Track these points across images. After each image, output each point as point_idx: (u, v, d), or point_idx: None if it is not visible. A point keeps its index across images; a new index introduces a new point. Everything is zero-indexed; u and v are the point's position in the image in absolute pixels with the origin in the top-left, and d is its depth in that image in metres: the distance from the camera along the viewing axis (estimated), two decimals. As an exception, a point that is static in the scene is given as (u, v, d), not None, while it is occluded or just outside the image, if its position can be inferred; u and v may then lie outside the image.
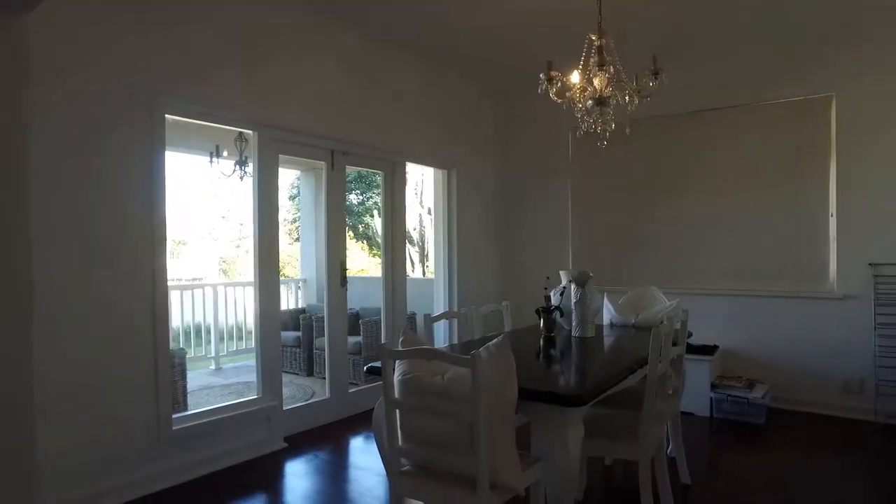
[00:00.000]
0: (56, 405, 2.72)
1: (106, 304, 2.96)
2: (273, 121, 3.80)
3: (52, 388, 2.69)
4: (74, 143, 2.84)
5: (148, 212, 3.12)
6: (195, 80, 3.36)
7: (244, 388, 5.52)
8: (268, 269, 3.81)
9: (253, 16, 3.68)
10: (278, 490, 3.32)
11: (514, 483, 1.98)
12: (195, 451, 3.40)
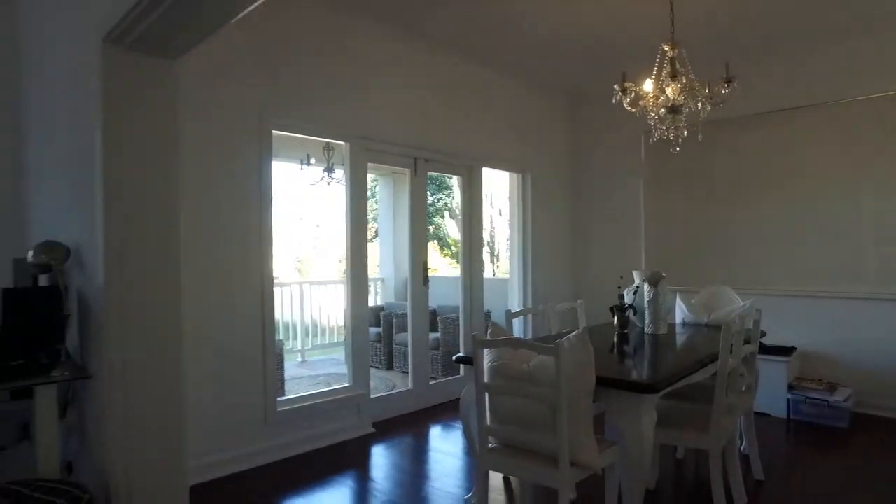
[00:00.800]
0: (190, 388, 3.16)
1: (226, 301, 3.39)
2: (363, 132, 4.17)
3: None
4: (199, 158, 3.28)
5: (257, 218, 3.54)
6: (297, 99, 3.76)
7: (330, 378, 5.96)
8: (358, 269, 4.18)
9: (344, 39, 4.05)
10: (368, 468, 3.67)
11: (592, 462, 2.19)
12: (295, 431, 3.80)
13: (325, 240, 12.76)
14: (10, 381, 2.39)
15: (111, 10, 2.14)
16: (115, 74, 2.30)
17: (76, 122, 2.67)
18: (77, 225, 2.67)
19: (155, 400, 2.46)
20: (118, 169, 2.32)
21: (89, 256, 2.53)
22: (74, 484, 2.26)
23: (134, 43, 2.26)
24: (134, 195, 2.37)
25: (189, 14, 2.03)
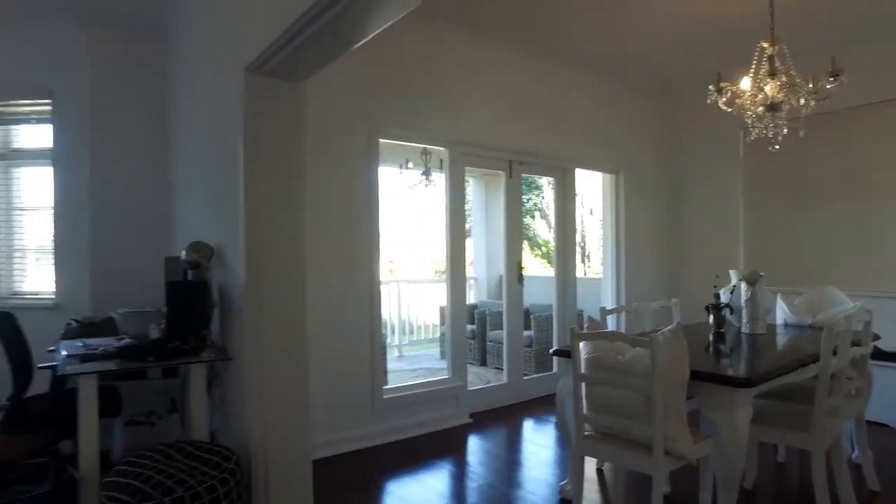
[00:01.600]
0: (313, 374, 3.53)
1: (339, 298, 3.74)
2: (461, 138, 4.41)
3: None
4: (316, 166, 3.65)
5: (366, 221, 3.87)
6: (401, 109, 4.06)
7: (426, 372, 6.26)
8: (457, 268, 4.43)
9: (442, 50, 4.30)
10: (465, 455, 3.90)
11: (685, 451, 2.28)
12: (399, 418, 4.10)
13: (417, 240, 13.22)
14: (170, 360, 2.83)
15: (253, 46, 2.50)
16: (254, 97, 2.67)
17: (220, 140, 3.09)
18: (219, 228, 3.09)
19: (284, 381, 2.82)
20: (256, 179, 2.69)
21: (230, 255, 2.93)
22: (223, 447, 2.65)
23: (270, 70, 2.61)
24: (268, 202, 2.73)
25: (319, 45, 2.33)
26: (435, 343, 7.62)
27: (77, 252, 4.21)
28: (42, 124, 4.29)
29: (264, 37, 2.40)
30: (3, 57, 4.28)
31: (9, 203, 4.39)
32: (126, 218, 4.26)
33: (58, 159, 4.24)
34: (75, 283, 4.22)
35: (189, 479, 2.36)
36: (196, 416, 2.89)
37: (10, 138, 4.39)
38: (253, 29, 2.55)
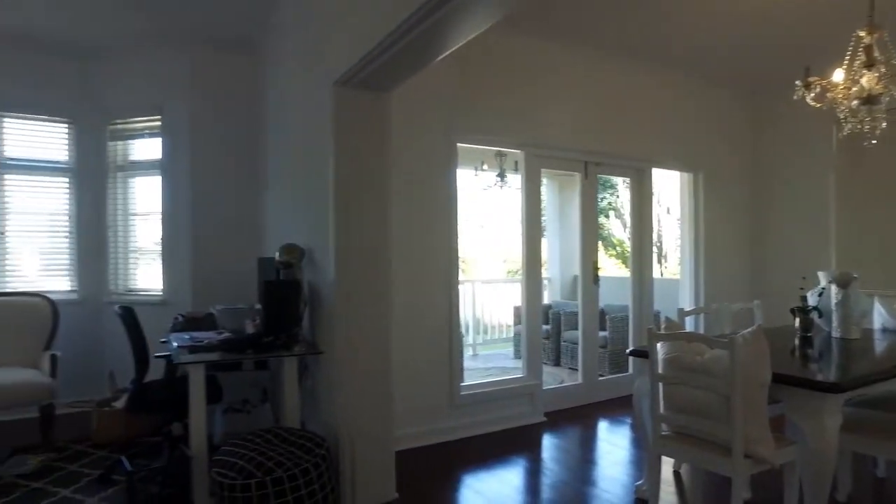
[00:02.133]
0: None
1: (420, 297, 3.88)
2: (536, 140, 4.46)
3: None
4: (398, 171, 3.81)
5: (445, 223, 4.01)
6: (478, 113, 4.17)
7: (500, 371, 6.35)
8: (533, 269, 4.49)
9: (516, 54, 4.37)
10: (539, 452, 3.97)
11: (767, 455, 2.26)
12: (475, 414, 4.21)
13: (490, 241, 13.32)
14: (266, 353, 3.08)
15: (342, 63, 2.70)
16: (343, 109, 2.87)
17: (310, 149, 3.32)
18: (310, 231, 3.33)
19: (370, 375, 3.01)
20: (344, 185, 2.89)
21: (320, 256, 3.15)
22: (315, 434, 2.86)
23: (357, 83, 2.80)
24: (356, 206, 2.93)
25: (403, 60, 2.48)
26: (508, 343, 7.69)
27: (181, 253, 4.62)
28: (153, 138, 4.74)
29: (352, 54, 2.58)
30: (123, 80, 4.76)
31: (126, 209, 4.88)
32: (223, 222, 4.64)
33: (165, 170, 4.67)
34: (179, 282, 4.63)
35: (286, 462, 2.58)
36: (289, 405, 3.13)
37: (128, 152, 4.88)
38: (341, 47, 2.75)
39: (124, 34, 4.42)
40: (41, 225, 4.80)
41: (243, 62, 4.70)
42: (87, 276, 4.86)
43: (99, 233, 4.88)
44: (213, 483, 2.69)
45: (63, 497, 3.13)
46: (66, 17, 4.16)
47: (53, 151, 4.80)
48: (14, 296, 4.40)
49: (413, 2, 1.99)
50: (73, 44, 4.57)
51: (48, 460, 3.62)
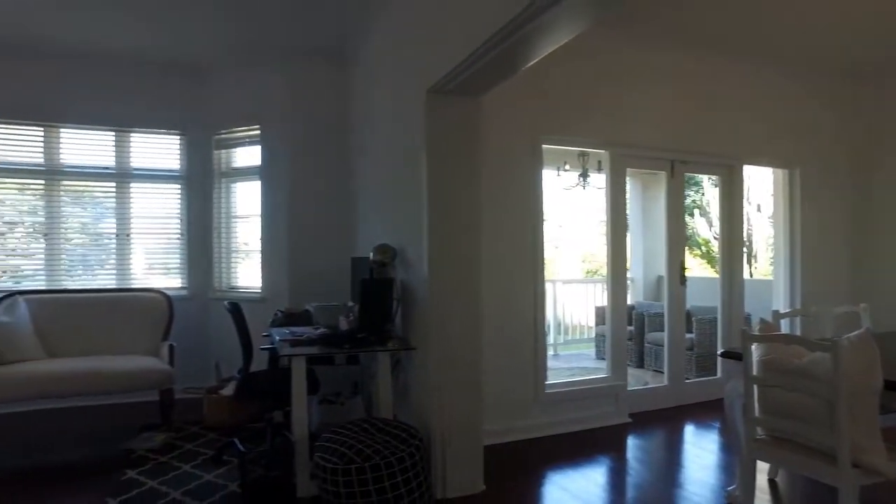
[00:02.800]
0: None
1: (506, 296, 3.97)
2: (621, 140, 4.43)
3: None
4: (485, 173, 3.91)
5: (531, 223, 4.07)
6: (563, 115, 4.19)
7: (582, 371, 6.32)
8: (618, 269, 4.47)
9: (601, 54, 4.35)
10: (624, 452, 3.95)
11: (878, 466, 2.17)
12: (559, 413, 4.24)
13: (568, 240, 13.21)
14: (362, 348, 3.27)
15: (436, 71, 2.83)
16: (435, 115, 3.01)
17: (402, 154, 3.49)
18: (402, 231, 3.49)
19: (461, 370, 3.13)
20: (437, 187, 3.02)
21: (413, 256, 3.31)
22: (409, 425, 3.02)
23: (450, 90, 2.92)
24: (447, 207, 3.06)
25: (495, 67, 2.58)
26: (590, 343, 7.63)
27: (278, 253, 4.95)
28: (253, 146, 5.10)
29: (446, 63, 2.71)
30: (226, 93, 5.17)
31: (228, 212, 5.28)
32: (317, 224, 4.93)
33: (264, 175, 5.02)
34: (277, 279, 4.96)
35: (383, 450, 2.74)
36: (382, 397, 3.30)
37: (231, 159, 5.28)
38: (435, 56, 2.88)
39: (226, 51, 4.80)
40: (158, 228, 5.29)
41: (333, 72, 4.97)
42: (195, 274, 5.31)
43: (205, 234, 5.31)
44: (314, 467, 2.90)
45: (185, 471, 3.47)
46: (175, 40, 4.59)
47: (168, 161, 5.28)
48: (137, 292, 4.88)
49: (508, 13, 2.08)
50: (182, 63, 5.02)
51: (169, 438, 4.01)
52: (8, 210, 5.02)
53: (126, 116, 5.12)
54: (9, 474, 3.64)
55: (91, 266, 5.20)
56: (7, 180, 5.00)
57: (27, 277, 5.00)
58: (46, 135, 5.02)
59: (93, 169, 5.13)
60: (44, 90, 4.90)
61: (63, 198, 5.08)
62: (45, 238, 5.02)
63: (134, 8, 4.06)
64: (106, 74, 5.00)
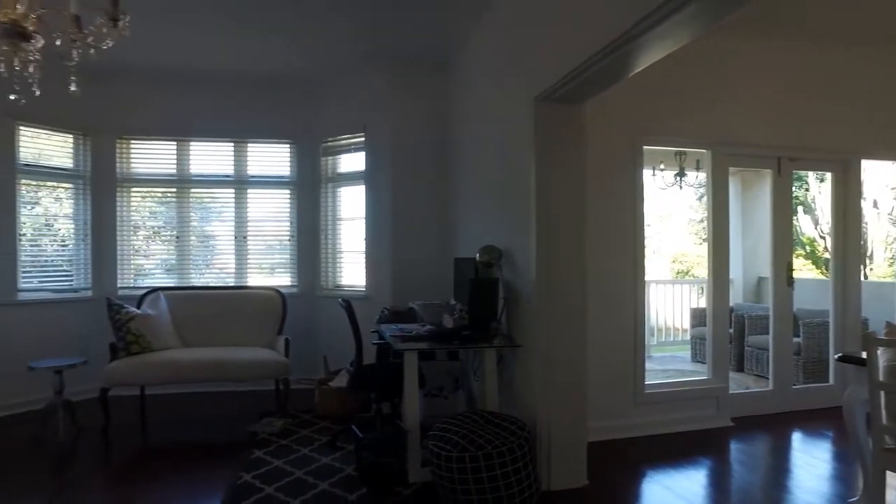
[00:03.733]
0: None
1: (608, 295, 4.01)
2: (724, 139, 4.34)
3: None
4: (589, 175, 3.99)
5: (631, 224, 4.09)
6: (663, 116, 4.18)
7: (677, 374, 6.20)
8: (720, 270, 4.39)
9: (703, 50, 4.28)
10: (726, 455, 3.89)
11: None
12: (658, 413, 4.23)
13: (658, 241, 12.87)
14: (470, 344, 3.44)
15: (543, 81, 2.96)
16: (542, 121, 3.13)
17: (507, 159, 3.63)
18: (506, 233, 3.63)
19: (566, 368, 3.23)
20: (545, 192, 3.14)
21: (519, 257, 3.44)
22: (516, 418, 3.15)
23: (556, 98, 3.03)
24: (555, 210, 3.17)
25: (603, 76, 2.67)
26: (683, 346, 7.45)
27: (382, 253, 5.23)
28: (358, 153, 5.42)
29: (554, 73, 2.83)
30: (332, 103, 5.53)
31: (334, 215, 5.64)
32: (418, 226, 5.17)
33: (368, 180, 5.32)
34: (380, 279, 5.24)
35: (494, 440, 2.90)
36: (488, 391, 3.46)
37: (336, 165, 5.64)
38: (541, 66, 3.01)
39: (334, 64, 5.14)
40: (270, 230, 5.74)
41: (434, 79, 5.19)
42: (303, 273, 5.70)
43: (313, 236, 5.69)
44: (427, 454, 3.10)
45: (304, 454, 3.79)
46: (288, 58, 4.99)
47: (280, 168, 5.71)
48: (255, 289, 5.33)
49: (626, 22, 2.17)
50: (293, 77, 5.43)
51: (286, 425, 4.36)
52: (149, 215, 5.63)
53: (243, 129, 5.60)
54: (158, 447, 4.12)
55: (213, 265, 5.72)
56: (148, 190, 5.61)
57: (162, 275, 5.58)
58: (178, 148, 5.58)
59: (215, 177, 5.65)
60: (176, 110, 5.47)
61: (191, 204, 5.62)
62: (177, 240, 5.59)
63: (252, 34, 4.47)
64: (226, 92, 5.50)
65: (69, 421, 4.21)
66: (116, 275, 5.44)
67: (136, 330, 4.48)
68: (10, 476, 3.54)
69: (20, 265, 4.91)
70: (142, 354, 4.42)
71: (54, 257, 5.28)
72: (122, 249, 5.48)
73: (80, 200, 5.31)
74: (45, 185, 5.15)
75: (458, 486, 2.82)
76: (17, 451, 3.96)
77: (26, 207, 5.02)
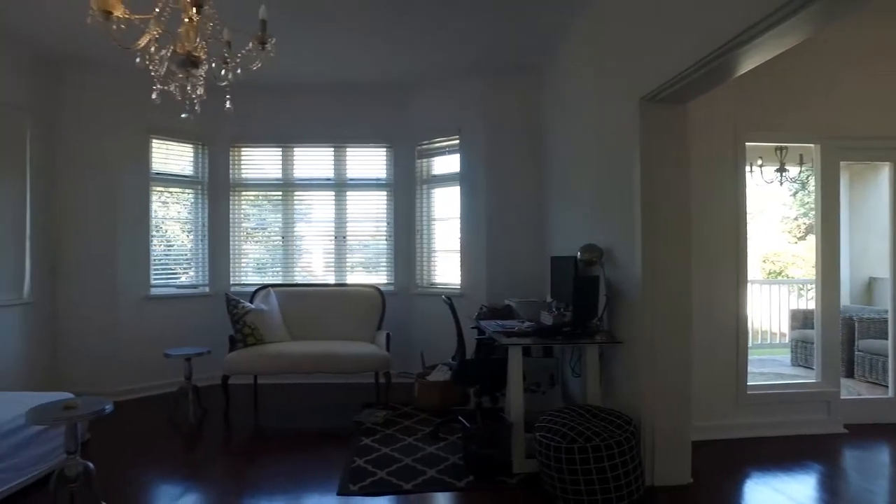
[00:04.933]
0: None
1: (708, 295, 3.96)
2: (835, 131, 4.16)
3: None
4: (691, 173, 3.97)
5: (733, 223, 4.03)
6: (767, 111, 4.07)
7: (776, 377, 5.97)
8: (830, 270, 4.22)
9: (814, 41, 4.13)
10: (838, 463, 3.73)
11: None
12: (761, 416, 4.13)
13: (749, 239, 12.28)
14: (573, 340, 3.52)
15: (650, 81, 3.00)
16: (648, 121, 3.17)
17: (608, 158, 3.68)
18: (607, 232, 3.69)
19: (670, 365, 3.25)
20: (650, 192, 3.18)
21: (621, 256, 3.49)
22: (621, 413, 3.21)
23: (661, 99, 3.07)
24: (659, 209, 3.20)
25: (711, 76, 2.68)
26: (781, 349, 7.14)
27: (477, 252, 5.39)
28: (452, 155, 5.61)
29: (661, 75, 2.87)
30: (428, 107, 5.74)
31: (429, 215, 5.86)
32: (512, 225, 5.30)
33: (463, 181, 5.49)
34: (475, 276, 5.40)
35: (602, 433, 2.97)
36: (590, 386, 3.53)
37: (431, 167, 5.86)
38: (647, 69, 3.05)
39: (430, 70, 5.35)
40: (368, 230, 6.03)
41: (525, 84, 5.30)
42: (399, 271, 5.96)
43: (408, 235, 5.93)
44: (532, 446, 3.22)
45: (409, 443, 4.00)
46: (387, 65, 5.23)
47: (376, 171, 6.00)
48: (355, 287, 5.63)
49: (743, 22, 2.19)
50: (390, 83, 5.69)
51: (389, 415, 4.60)
52: (256, 217, 6.08)
53: (343, 134, 5.92)
54: (273, 431, 4.47)
55: (314, 263, 6.08)
56: (256, 193, 6.05)
57: (268, 273, 6.00)
58: (283, 154, 5.98)
59: (316, 180, 6.00)
60: (282, 118, 5.87)
61: (295, 206, 6.01)
62: (282, 240, 5.99)
63: (357, 44, 4.74)
64: (328, 100, 5.83)
65: (196, 403, 4.64)
66: (229, 272, 5.90)
67: (251, 323, 4.86)
68: (152, 447, 3.99)
69: (152, 263, 5.45)
70: (256, 346, 4.80)
71: (177, 256, 5.81)
72: (234, 248, 5.94)
73: (198, 204, 5.81)
74: (169, 190, 5.68)
75: (567, 476, 2.92)
76: (157, 427, 4.43)
77: (155, 212, 5.55)
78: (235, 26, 2.54)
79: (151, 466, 3.66)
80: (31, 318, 4.81)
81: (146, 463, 3.72)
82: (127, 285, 5.24)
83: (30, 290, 4.79)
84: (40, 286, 4.91)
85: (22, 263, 4.74)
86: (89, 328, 5.11)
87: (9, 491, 3.03)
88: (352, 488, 3.25)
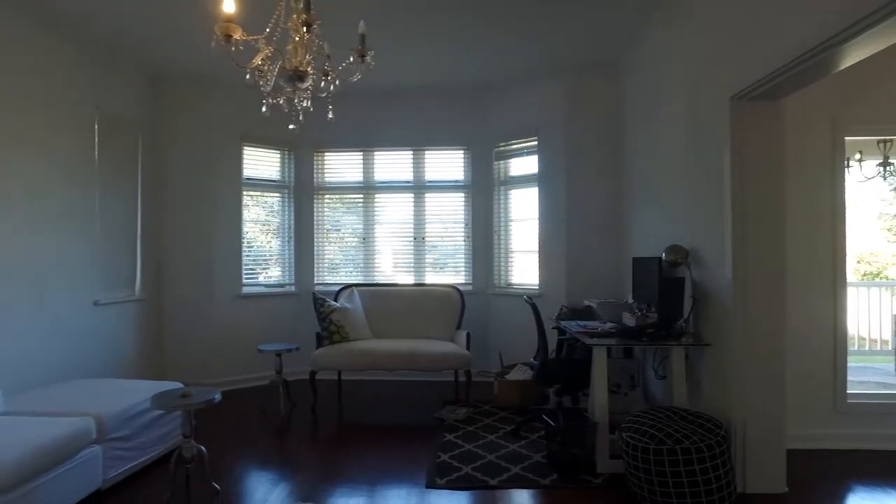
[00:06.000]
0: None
1: (804, 297, 3.81)
2: (947, 124, 3.91)
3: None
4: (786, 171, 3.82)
5: (829, 225, 3.83)
6: (870, 103, 3.85)
7: (877, 386, 5.60)
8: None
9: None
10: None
11: None
12: (863, 426, 3.91)
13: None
14: (659, 341, 3.48)
15: (741, 80, 2.94)
16: (738, 119, 3.09)
17: (695, 158, 3.61)
18: (694, 233, 3.61)
19: (762, 370, 3.15)
20: (742, 192, 3.10)
21: (709, 257, 3.42)
22: (712, 416, 3.15)
23: (753, 97, 2.99)
24: (752, 209, 3.11)
25: (806, 74, 2.59)
26: (883, 356, 6.69)
27: (556, 253, 5.39)
28: (530, 156, 5.64)
29: (755, 72, 2.80)
30: (506, 109, 5.80)
31: (506, 216, 5.92)
32: (591, 225, 5.27)
33: (541, 182, 5.51)
34: (554, 277, 5.41)
35: (692, 436, 2.93)
36: (677, 388, 3.47)
37: (508, 169, 5.91)
38: (738, 67, 2.98)
39: (508, 72, 5.40)
40: (446, 231, 6.16)
41: (605, 82, 5.25)
42: (477, 271, 6.04)
43: (486, 236, 6.01)
44: (618, 446, 3.21)
45: (491, 441, 4.07)
46: (465, 69, 5.32)
47: (454, 173, 6.11)
48: (435, 286, 5.77)
49: (847, 18, 2.12)
50: (468, 87, 5.78)
51: (470, 413, 4.70)
52: (338, 219, 6.34)
53: (422, 137, 6.07)
54: (359, 425, 4.66)
55: (394, 264, 6.27)
56: (338, 196, 6.31)
57: (350, 272, 6.24)
58: (364, 158, 6.21)
59: (396, 183, 6.19)
60: (364, 123, 6.09)
61: (375, 208, 6.22)
62: (363, 241, 6.22)
63: (439, 50, 4.86)
64: (407, 104, 6.00)
65: (286, 396, 4.90)
66: (314, 272, 6.19)
67: (337, 321, 5.09)
68: (248, 436, 4.27)
69: (244, 263, 5.81)
70: (342, 343, 5.02)
71: (266, 257, 6.15)
72: (318, 249, 6.22)
73: (285, 207, 6.13)
74: (258, 195, 6.03)
75: (656, 479, 2.90)
76: (251, 417, 4.73)
77: (246, 215, 5.91)
78: (333, 41, 2.70)
79: (249, 453, 3.93)
80: (142, 313, 5.25)
81: (244, 450, 3.98)
82: (222, 284, 5.62)
83: (140, 288, 5.23)
84: (150, 284, 5.35)
85: (134, 263, 5.18)
86: (191, 323, 5.51)
87: (137, 467, 3.38)
88: (439, 482, 3.36)
